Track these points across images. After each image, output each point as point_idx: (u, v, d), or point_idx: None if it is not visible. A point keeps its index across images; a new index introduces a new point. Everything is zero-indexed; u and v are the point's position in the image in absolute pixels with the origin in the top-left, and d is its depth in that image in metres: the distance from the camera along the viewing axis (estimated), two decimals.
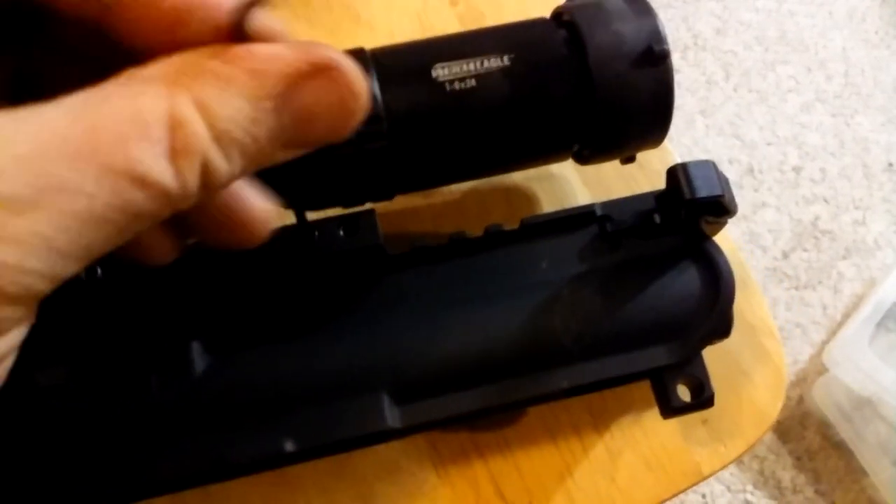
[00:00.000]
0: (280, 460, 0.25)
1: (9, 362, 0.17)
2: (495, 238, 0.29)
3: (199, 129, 0.16)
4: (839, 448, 0.98)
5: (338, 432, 0.26)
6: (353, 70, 0.17)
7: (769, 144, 1.16)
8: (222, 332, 0.26)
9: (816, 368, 1.02)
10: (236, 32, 0.17)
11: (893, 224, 1.13)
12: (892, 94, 1.22)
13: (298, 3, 0.38)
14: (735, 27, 1.24)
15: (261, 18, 0.17)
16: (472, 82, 0.27)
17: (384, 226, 0.28)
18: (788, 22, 1.26)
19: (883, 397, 0.88)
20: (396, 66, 0.28)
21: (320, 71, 0.17)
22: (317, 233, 0.27)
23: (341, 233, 0.27)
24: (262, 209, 0.21)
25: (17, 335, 0.16)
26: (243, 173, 0.17)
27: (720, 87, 1.19)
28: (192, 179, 0.16)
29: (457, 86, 0.27)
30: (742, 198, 1.11)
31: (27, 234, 0.14)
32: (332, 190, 0.28)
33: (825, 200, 1.13)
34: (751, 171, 1.13)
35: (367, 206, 0.29)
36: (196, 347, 0.26)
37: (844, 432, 0.95)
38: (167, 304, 0.26)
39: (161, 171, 0.15)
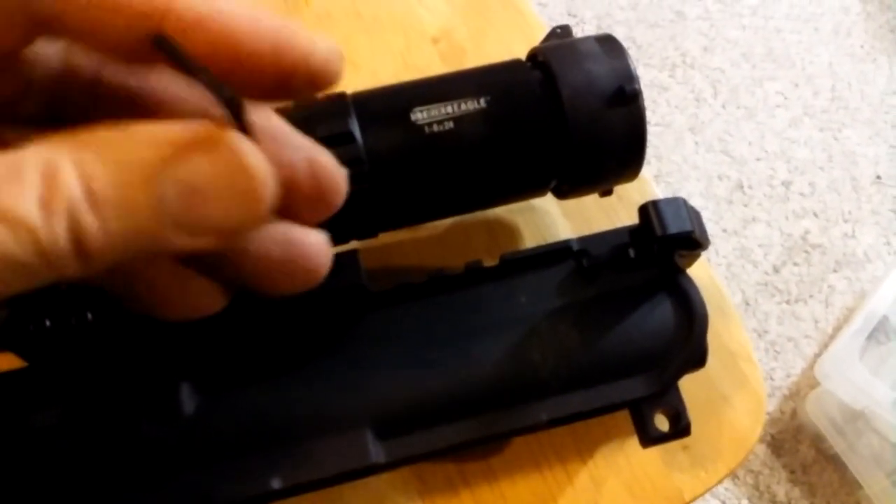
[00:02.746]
0: (267, 497, 0.26)
1: None
2: (475, 274, 0.29)
3: (69, 180, 0.16)
4: (833, 461, 0.98)
5: (323, 469, 0.26)
6: (246, 148, 0.17)
7: (758, 160, 1.17)
8: (210, 373, 0.27)
9: (809, 382, 1.03)
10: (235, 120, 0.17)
11: (883, 236, 1.14)
12: (878, 108, 1.24)
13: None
14: (722, 45, 1.26)
15: (256, 114, 0.17)
16: (450, 124, 0.28)
17: (368, 260, 0.29)
18: (775, 39, 1.27)
19: (875, 410, 0.88)
20: (376, 110, 0.29)
21: (203, 145, 0.16)
22: None
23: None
24: (316, 241, 0.20)
25: None
26: (128, 243, 0.17)
27: (709, 104, 1.21)
28: (62, 231, 0.16)
29: (435, 128, 0.28)
30: (732, 213, 1.12)
31: None
32: None
33: (815, 214, 1.14)
34: (740, 186, 1.14)
35: (352, 244, 0.30)
36: (185, 388, 0.27)
37: (838, 445, 0.95)
38: (156, 346, 0.27)
39: (29, 212, 0.15)
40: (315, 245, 0.20)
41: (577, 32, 0.32)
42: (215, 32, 0.17)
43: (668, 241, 0.28)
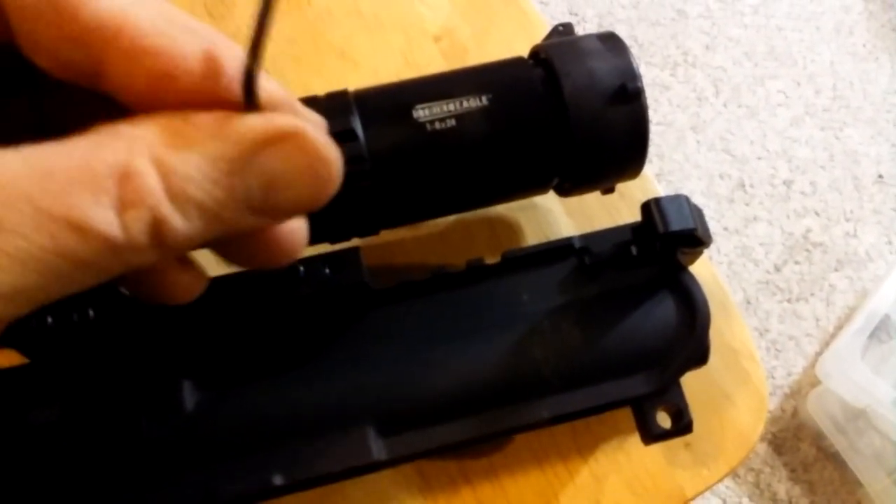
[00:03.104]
0: (269, 493, 0.26)
1: None
2: (477, 272, 0.30)
3: (151, 183, 0.16)
4: (834, 460, 0.98)
5: (325, 465, 0.26)
6: (320, 138, 0.17)
7: (760, 159, 1.17)
8: (212, 369, 0.27)
9: (810, 381, 1.03)
10: (241, 97, 0.17)
11: (884, 235, 1.14)
12: (880, 107, 1.23)
13: (285, 41, 0.39)
14: (724, 43, 1.26)
15: (268, 89, 0.18)
16: (452, 122, 0.28)
17: (370, 258, 0.29)
18: (777, 37, 1.27)
19: (876, 409, 0.88)
20: (378, 108, 0.29)
21: (285, 138, 0.17)
22: (302, 268, 0.28)
23: (327, 271, 0.28)
24: (296, 225, 0.21)
25: None
26: (208, 234, 0.17)
27: (710, 102, 1.21)
28: (141, 233, 0.16)
29: (437, 125, 0.28)
30: (733, 212, 1.12)
31: None
32: (317, 227, 0.29)
33: (816, 213, 1.14)
34: (742, 185, 1.14)
35: (354, 241, 0.30)
36: (186, 385, 0.27)
37: (839, 444, 0.95)
38: (157, 343, 0.27)
39: (104, 220, 0.15)
40: (294, 229, 0.21)
41: (579, 31, 0.31)
42: (152, 68, 0.17)
43: (670, 239, 0.28)
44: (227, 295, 0.27)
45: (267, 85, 0.18)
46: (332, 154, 0.18)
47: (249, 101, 0.17)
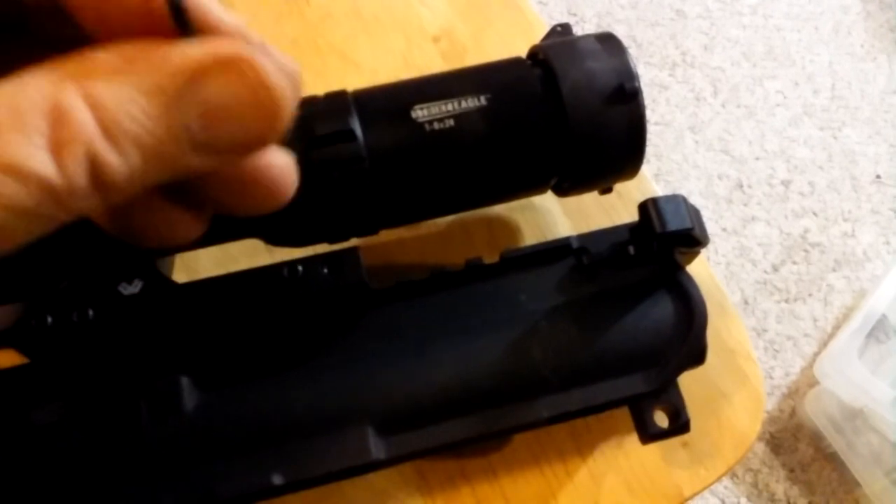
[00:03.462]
0: (268, 493, 0.26)
1: None
2: (476, 272, 0.30)
3: (82, 118, 0.15)
4: (832, 460, 0.99)
5: (324, 465, 0.26)
6: (264, 64, 0.16)
7: (758, 159, 1.17)
8: (211, 368, 0.27)
9: (808, 381, 1.03)
10: (177, 21, 0.16)
11: (882, 235, 1.14)
12: (878, 107, 1.24)
13: (286, 43, 0.40)
14: (722, 43, 1.26)
15: (206, 11, 0.17)
16: (451, 122, 0.28)
17: (369, 257, 0.29)
18: (775, 37, 1.28)
19: (874, 409, 0.88)
20: (377, 108, 0.29)
21: (225, 65, 0.16)
22: (300, 268, 0.28)
23: (325, 271, 0.28)
24: (283, 162, 0.20)
25: None
26: (151, 173, 0.16)
27: (709, 103, 1.21)
28: (79, 173, 0.15)
29: (436, 126, 0.28)
30: (731, 212, 1.12)
31: None
32: (316, 227, 0.29)
33: (814, 213, 1.14)
34: (740, 185, 1.15)
35: (352, 241, 0.30)
36: (186, 385, 0.27)
37: (837, 444, 0.95)
38: (157, 342, 0.27)
39: (40, 161, 0.14)
40: (281, 167, 0.20)
41: (578, 31, 0.32)
42: None
43: (667, 239, 0.28)
44: (227, 294, 0.27)
45: (210, 7, 0.17)
46: (278, 81, 0.16)
47: (182, 25, 0.16)
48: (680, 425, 0.29)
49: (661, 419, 0.29)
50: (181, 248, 0.21)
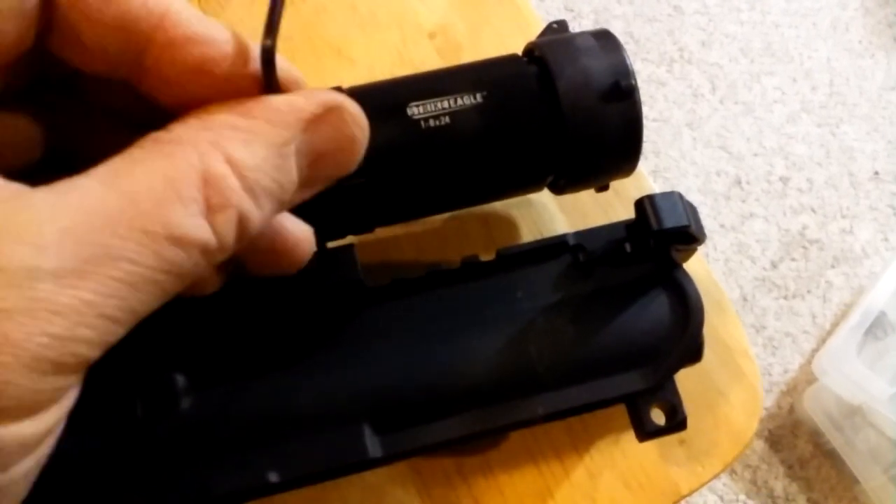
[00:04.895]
0: (264, 490, 0.26)
1: (59, 429, 0.18)
2: (472, 269, 0.30)
3: (231, 184, 0.16)
4: (831, 456, 0.99)
5: (320, 462, 0.26)
6: (354, 106, 0.19)
7: (756, 155, 1.17)
8: (207, 366, 0.27)
9: (807, 377, 1.03)
10: (261, 82, 0.18)
11: (880, 232, 1.14)
12: (876, 103, 1.24)
13: (280, 39, 0.39)
14: (720, 40, 1.26)
15: (281, 67, 0.18)
16: (447, 119, 0.28)
17: (364, 255, 0.29)
18: (773, 33, 1.27)
19: (872, 405, 0.88)
20: (372, 105, 0.28)
21: (331, 112, 0.18)
22: None
23: (321, 268, 0.28)
24: (302, 232, 0.22)
25: (68, 402, 0.17)
26: (273, 217, 0.18)
27: (706, 99, 1.21)
28: (229, 232, 0.17)
29: (431, 123, 0.28)
30: (730, 209, 1.12)
31: (77, 304, 0.15)
32: (312, 225, 0.29)
33: (812, 210, 1.14)
34: (738, 182, 1.15)
35: (348, 238, 0.30)
36: (181, 382, 0.27)
37: (835, 441, 0.95)
38: (152, 340, 0.27)
39: (198, 229, 0.16)
40: (300, 238, 0.22)
41: (575, 27, 0.32)
42: (196, 55, 0.18)
43: (664, 236, 0.28)
44: (222, 293, 0.27)
45: (281, 64, 0.18)
46: (365, 119, 0.19)
47: (270, 82, 0.18)
48: (677, 423, 0.29)
49: (658, 417, 0.29)
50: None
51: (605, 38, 0.30)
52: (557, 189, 0.32)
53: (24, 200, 0.15)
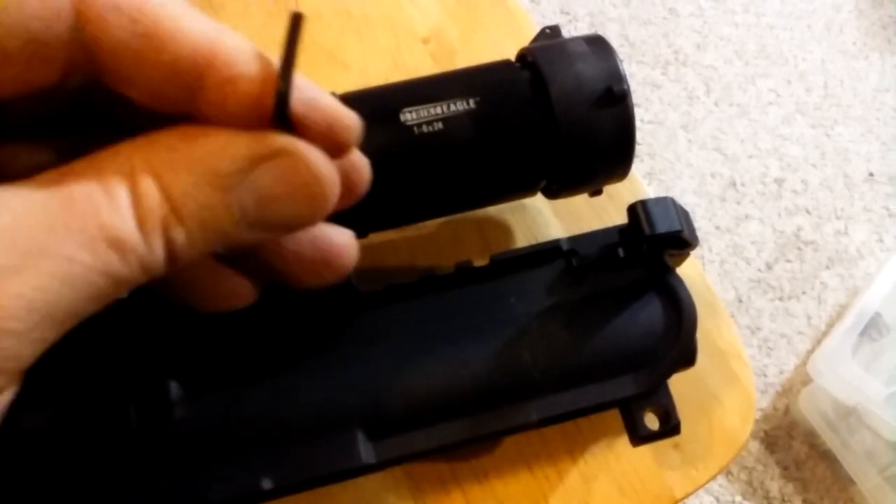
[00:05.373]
0: (257, 497, 0.26)
1: None
2: (465, 275, 0.30)
3: (153, 202, 0.16)
4: (826, 457, 0.99)
5: (313, 469, 0.26)
6: (313, 155, 0.18)
7: (751, 157, 1.17)
8: (200, 373, 0.27)
9: (802, 378, 1.03)
10: (278, 115, 0.18)
11: (875, 233, 1.14)
12: (870, 105, 1.24)
13: (275, 44, 0.39)
14: (715, 42, 1.26)
15: (300, 90, 0.18)
16: (440, 125, 0.28)
17: (358, 260, 0.29)
18: (767, 36, 1.28)
19: (868, 406, 0.88)
20: (366, 111, 0.28)
21: (275, 156, 0.18)
22: None
23: None
24: (345, 238, 0.22)
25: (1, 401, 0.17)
26: (209, 247, 0.18)
27: (701, 101, 1.21)
28: (159, 247, 0.17)
29: (424, 129, 0.28)
30: (725, 211, 1.12)
31: (8, 297, 0.15)
32: None
33: (807, 211, 1.15)
34: (733, 184, 1.15)
35: None
36: (174, 389, 0.27)
37: (831, 442, 0.96)
38: (146, 347, 0.27)
39: (132, 235, 0.16)
40: (343, 244, 0.22)
41: (570, 30, 0.32)
42: (250, 92, 0.18)
43: (656, 241, 0.28)
44: None
45: (307, 93, 0.18)
46: (326, 173, 0.18)
47: (282, 120, 0.18)
48: (670, 427, 0.29)
49: (652, 421, 0.29)
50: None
51: (597, 44, 0.30)
52: (551, 194, 0.32)
53: None
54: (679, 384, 0.30)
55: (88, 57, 0.18)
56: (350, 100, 0.29)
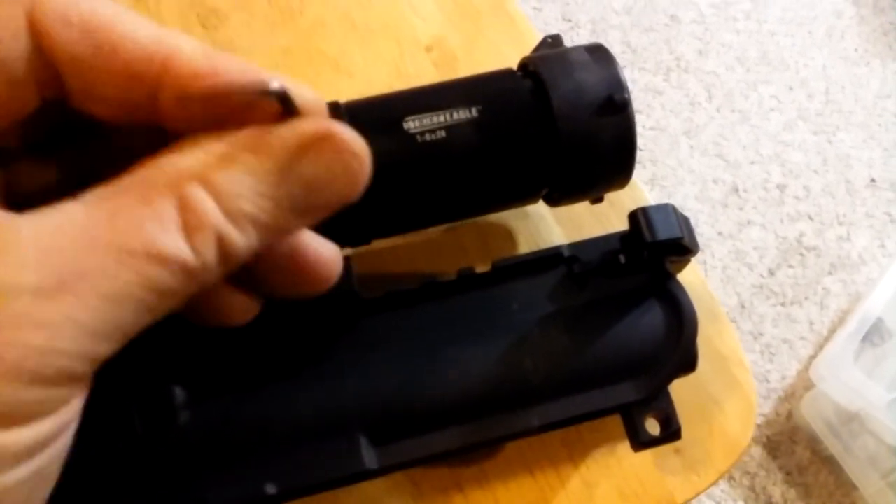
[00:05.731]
0: (261, 502, 0.26)
1: (66, 439, 0.18)
2: (467, 281, 0.30)
3: (207, 207, 0.17)
4: (829, 463, 0.99)
5: (317, 474, 0.27)
6: (351, 135, 0.18)
7: (753, 163, 1.17)
8: (204, 379, 0.27)
9: (805, 384, 1.03)
10: (278, 110, 0.18)
11: (877, 239, 1.14)
12: (872, 111, 1.24)
13: (279, 53, 0.40)
14: (717, 48, 1.26)
15: (295, 94, 0.18)
16: (443, 133, 0.28)
17: (361, 265, 0.29)
18: (769, 42, 1.28)
19: (870, 412, 0.88)
20: (369, 119, 0.29)
21: (320, 141, 0.18)
22: None
23: None
24: (328, 251, 0.22)
25: (66, 414, 0.18)
26: (263, 242, 0.18)
27: (703, 107, 1.21)
28: (210, 253, 0.17)
29: (427, 137, 0.28)
30: (727, 216, 1.12)
31: (55, 318, 0.15)
32: None
33: (809, 217, 1.15)
34: (735, 190, 1.15)
35: (344, 250, 0.30)
36: (178, 395, 0.27)
37: (833, 447, 0.96)
38: (150, 353, 0.27)
39: (177, 248, 0.16)
40: (326, 258, 0.22)
41: (572, 37, 0.32)
42: (205, 88, 0.18)
43: (657, 247, 0.28)
44: None
45: (298, 91, 0.19)
46: (362, 147, 0.18)
47: (288, 109, 0.18)
48: (671, 433, 0.29)
49: (653, 427, 0.30)
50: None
51: (598, 52, 0.30)
52: (552, 201, 0.32)
53: (7, 223, 0.16)
54: (680, 390, 0.30)
55: (54, 74, 0.18)
56: (354, 108, 0.29)
